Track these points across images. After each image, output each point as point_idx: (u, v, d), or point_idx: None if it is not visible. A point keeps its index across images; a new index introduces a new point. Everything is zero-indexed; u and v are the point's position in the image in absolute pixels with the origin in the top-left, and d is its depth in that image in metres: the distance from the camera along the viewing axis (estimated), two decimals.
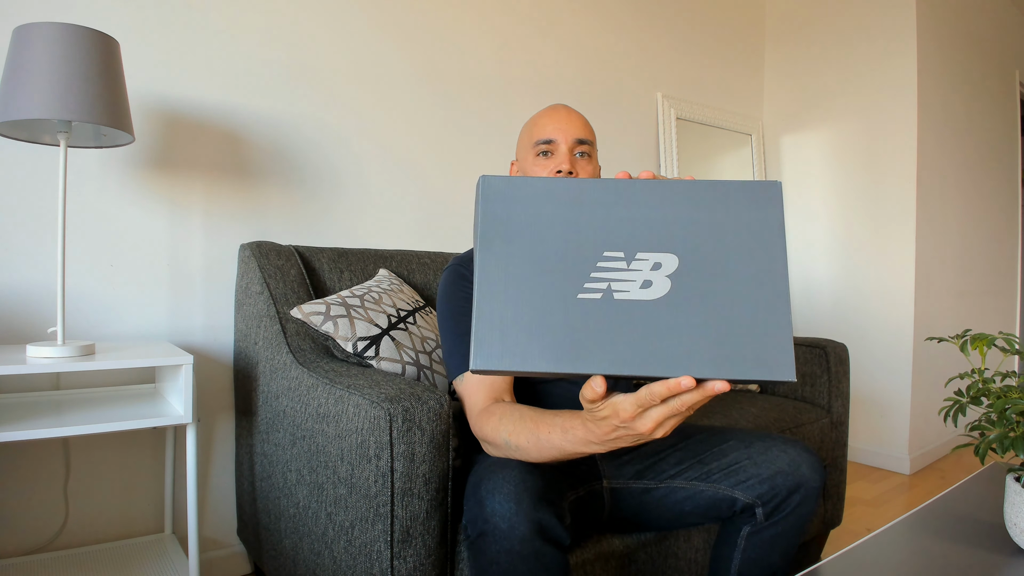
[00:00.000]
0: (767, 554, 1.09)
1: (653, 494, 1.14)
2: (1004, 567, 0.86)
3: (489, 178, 0.61)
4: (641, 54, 2.62)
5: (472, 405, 1.02)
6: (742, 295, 0.58)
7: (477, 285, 0.58)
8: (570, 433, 0.84)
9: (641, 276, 0.58)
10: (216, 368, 1.62)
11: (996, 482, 1.20)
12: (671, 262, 0.59)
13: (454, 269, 1.19)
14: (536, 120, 1.20)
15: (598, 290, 0.58)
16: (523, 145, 1.22)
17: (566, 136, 1.16)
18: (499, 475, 0.90)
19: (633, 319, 0.57)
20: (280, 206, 1.73)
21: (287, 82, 1.73)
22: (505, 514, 0.85)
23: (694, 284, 0.58)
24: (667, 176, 1.51)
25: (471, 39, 2.10)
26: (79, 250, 1.46)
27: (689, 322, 0.57)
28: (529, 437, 0.90)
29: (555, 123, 1.17)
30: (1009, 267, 3.56)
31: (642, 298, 0.58)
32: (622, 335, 0.57)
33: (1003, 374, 0.91)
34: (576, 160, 1.17)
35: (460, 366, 1.08)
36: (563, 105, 1.22)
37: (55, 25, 1.14)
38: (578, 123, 1.18)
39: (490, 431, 0.96)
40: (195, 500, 1.27)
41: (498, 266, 0.59)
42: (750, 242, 0.59)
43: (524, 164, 1.21)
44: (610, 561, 1.12)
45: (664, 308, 0.58)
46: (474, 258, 0.73)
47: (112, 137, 1.34)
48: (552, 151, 1.16)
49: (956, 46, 2.94)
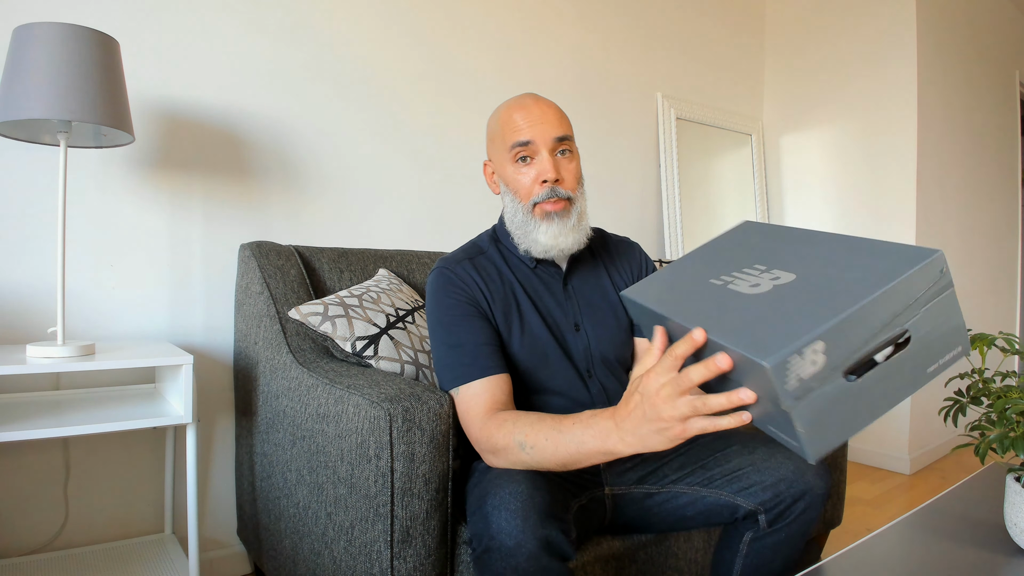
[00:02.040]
0: (769, 560, 1.08)
1: (655, 499, 1.13)
2: (1004, 567, 0.86)
3: (750, 223, 0.89)
4: (641, 54, 2.62)
5: (474, 415, 0.99)
6: (806, 306, 0.63)
7: (688, 253, 0.88)
8: (596, 420, 0.83)
9: (758, 280, 0.73)
10: (216, 368, 1.62)
11: (996, 482, 1.19)
12: (787, 277, 0.70)
13: (441, 273, 1.11)
14: (508, 118, 1.09)
15: (724, 281, 0.76)
16: (497, 147, 1.12)
17: (544, 136, 1.07)
18: (505, 490, 0.88)
19: (724, 301, 0.72)
20: (280, 206, 1.73)
21: (287, 82, 1.73)
22: (511, 531, 0.83)
23: (788, 293, 0.67)
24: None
25: (472, 39, 2.10)
26: (79, 250, 1.46)
27: (750, 310, 0.67)
28: (549, 434, 0.88)
29: (529, 122, 1.07)
30: (1009, 267, 3.56)
31: (744, 292, 0.71)
32: (707, 306, 0.73)
33: (1003, 374, 0.91)
34: (559, 161, 1.09)
35: (455, 378, 1.03)
36: (532, 96, 1.11)
37: (55, 25, 1.14)
38: (554, 118, 1.08)
39: (501, 436, 0.93)
40: (195, 500, 1.27)
41: (695, 253, 0.87)
42: (857, 278, 0.63)
43: (501, 170, 1.12)
44: (609, 562, 1.12)
45: (748, 300, 0.70)
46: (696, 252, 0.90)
47: (112, 137, 1.34)
48: (531, 155, 1.08)
49: (956, 46, 2.94)
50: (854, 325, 0.59)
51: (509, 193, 1.12)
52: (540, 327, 1.11)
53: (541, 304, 1.14)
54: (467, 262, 1.13)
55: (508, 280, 1.13)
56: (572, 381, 1.13)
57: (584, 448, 0.85)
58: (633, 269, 1.25)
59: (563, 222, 1.08)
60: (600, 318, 1.17)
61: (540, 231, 1.09)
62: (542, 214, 1.08)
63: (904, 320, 0.61)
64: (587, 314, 1.17)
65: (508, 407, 1.01)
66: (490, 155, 1.16)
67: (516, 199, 1.10)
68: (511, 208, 1.12)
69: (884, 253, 0.65)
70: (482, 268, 1.13)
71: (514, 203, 1.11)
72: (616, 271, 1.24)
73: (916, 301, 0.61)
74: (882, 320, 0.60)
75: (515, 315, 1.11)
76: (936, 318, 0.63)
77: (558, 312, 1.14)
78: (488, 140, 1.16)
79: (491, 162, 1.16)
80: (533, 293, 1.14)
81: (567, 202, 1.09)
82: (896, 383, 0.63)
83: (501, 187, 1.15)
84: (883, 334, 0.61)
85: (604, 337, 1.16)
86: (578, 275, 1.19)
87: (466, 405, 1.01)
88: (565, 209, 1.09)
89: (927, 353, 0.64)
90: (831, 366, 0.60)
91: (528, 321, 1.11)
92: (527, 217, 1.10)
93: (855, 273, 0.64)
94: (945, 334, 0.64)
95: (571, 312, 1.15)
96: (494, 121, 1.14)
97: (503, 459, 0.94)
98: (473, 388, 1.01)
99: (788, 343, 0.59)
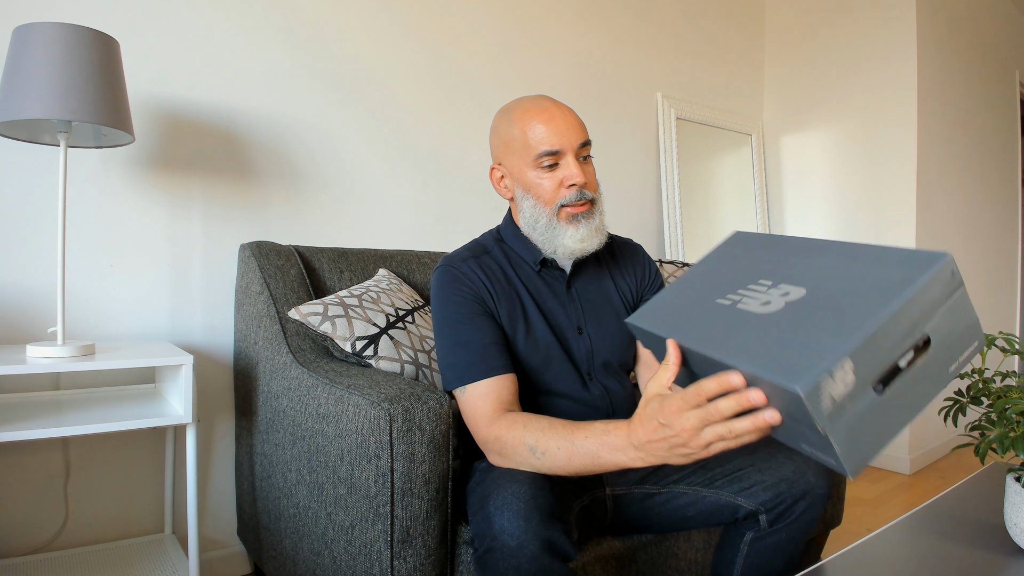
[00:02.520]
0: (770, 560, 1.08)
1: (655, 499, 1.13)
2: (1004, 567, 0.86)
3: (741, 233, 0.88)
4: (641, 54, 2.62)
5: (481, 415, 0.99)
6: (826, 324, 0.62)
7: (686, 273, 0.86)
8: (610, 436, 0.84)
9: (768, 298, 0.71)
10: (216, 368, 1.62)
11: (996, 482, 1.19)
12: (798, 292, 0.69)
13: (447, 270, 1.10)
14: (531, 126, 1.07)
15: (732, 300, 0.74)
16: (514, 151, 1.09)
17: (571, 144, 1.06)
18: (508, 490, 0.88)
19: (737, 323, 0.70)
20: (280, 206, 1.73)
21: (287, 82, 1.73)
22: (514, 532, 0.83)
23: (802, 310, 0.66)
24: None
25: (472, 39, 2.10)
26: (79, 250, 1.46)
27: (767, 331, 0.66)
28: (561, 443, 0.88)
29: (556, 131, 1.06)
30: (1009, 267, 3.56)
31: (755, 311, 0.70)
32: (719, 329, 0.71)
33: (1003, 374, 0.91)
34: (583, 165, 1.09)
35: (461, 377, 1.02)
36: (551, 101, 1.10)
37: (55, 25, 1.14)
38: (577, 124, 1.08)
39: (511, 438, 0.93)
40: (195, 500, 1.27)
41: (694, 272, 0.86)
42: (871, 290, 0.63)
43: (520, 175, 1.10)
44: (610, 563, 1.12)
45: (761, 319, 0.68)
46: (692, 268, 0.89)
47: (112, 137, 1.34)
48: (557, 161, 1.07)
49: (956, 46, 2.94)
50: (879, 339, 0.59)
51: (529, 198, 1.10)
52: (544, 329, 1.11)
53: (545, 306, 1.13)
54: (472, 261, 1.12)
55: (513, 281, 1.13)
56: (574, 383, 1.13)
57: (599, 461, 0.86)
58: (637, 272, 1.25)
59: (589, 224, 1.08)
60: (603, 321, 1.17)
61: (568, 235, 1.08)
62: (568, 217, 1.08)
63: (923, 325, 0.61)
64: (590, 317, 1.17)
65: (515, 407, 1.01)
66: (502, 160, 1.12)
67: (538, 204, 1.09)
68: (531, 213, 1.10)
69: (891, 260, 0.64)
70: (487, 268, 1.12)
71: (535, 208, 1.09)
72: (620, 274, 1.23)
73: (932, 305, 0.61)
74: (904, 329, 0.60)
75: (520, 316, 1.10)
76: (952, 318, 0.63)
77: (561, 315, 1.14)
78: (501, 145, 1.12)
79: (502, 166, 1.13)
80: (537, 295, 1.14)
81: (591, 204, 1.09)
82: (922, 387, 0.63)
83: (517, 192, 1.12)
84: (906, 342, 0.61)
85: (607, 340, 1.16)
86: (582, 278, 1.19)
87: (473, 405, 1.00)
88: (589, 211, 1.09)
89: (947, 353, 0.64)
90: (861, 382, 0.59)
91: (532, 323, 1.11)
92: (552, 221, 1.08)
93: (868, 284, 0.63)
94: (962, 332, 0.64)
95: (574, 315, 1.15)
96: (510, 127, 1.10)
97: (510, 461, 0.94)
98: (480, 387, 1.00)
99: (817, 366, 0.57)
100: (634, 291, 1.24)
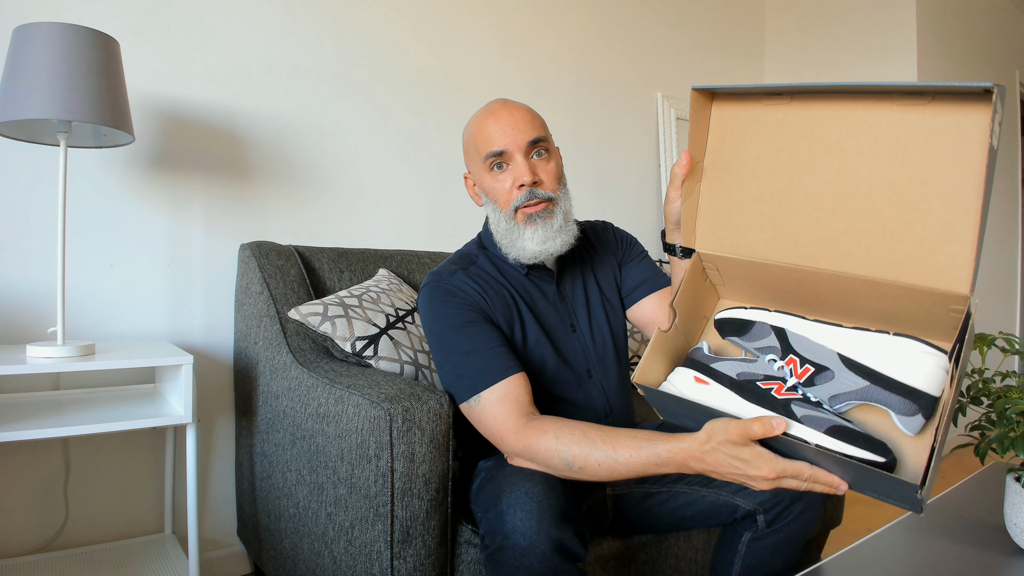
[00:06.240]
0: (768, 560, 1.09)
1: (655, 498, 1.14)
2: (1004, 567, 0.86)
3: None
4: (641, 54, 2.62)
5: (503, 423, 0.95)
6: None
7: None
8: (670, 462, 0.83)
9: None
10: (216, 368, 1.62)
11: (996, 482, 1.20)
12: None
13: (435, 287, 1.07)
14: (480, 129, 1.07)
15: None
16: (472, 158, 1.10)
17: (516, 143, 1.04)
18: (520, 489, 0.87)
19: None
20: (280, 206, 1.73)
21: (287, 82, 1.73)
22: (526, 531, 0.83)
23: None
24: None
25: (471, 39, 2.10)
26: (79, 250, 1.46)
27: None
28: (602, 459, 0.87)
29: (501, 131, 1.04)
30: (1009, 267, 3.56)
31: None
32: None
33: (1003, 374, 0.91)
34: (535, 163, 1.06)
35: (474, 386, 0.97)
36: (501, 102, 1.09)
37: (55, 25, 1.14)
38: (524, 123, 1.05)
39: (542, 449, 0.90)
40: (195, 500, 1.27)
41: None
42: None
43: (480, 180, 1.10)
44: (609, 563, 1.12)
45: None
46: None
47: (112, 137, 1.34)
48: (506, 162, 1.06)
49: (956, 46, 2.94)
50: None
51: (491, 203, 1.10)
52: (539, 333, 1.10)
53: (537, 310, 1.12)
54: (461, 273, 1.09)
55: (504, 287, 1.11)
56: (571, 384, 1.12)
57: (638, 472, 0.86)
58: (614, 253, 1.23)
59: (547, 224, 1.05)
60: (593, 315, 1.17)
61: (526, 237, 1.06)
62: (524, 218, 1.05)
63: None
64: (581, 314, 1.16)
65: (532, 409, 0.98)
66: (468, 167, 1.14)
67: (497, 208, 1.08)
68: (494, 218, 1.10)
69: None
70: (477, 277, 1.09)
71: (496, 212, 1.09)
72: (601, 263, 1.22)
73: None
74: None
75: (517, 322, 1.09)
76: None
77: (554, 316, 1.14)
78: (464, 153, 1.14)
79: (471, 174, 1.14)
80: (529, 299, 1.12)
81: (549, 202, 1.06)
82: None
83: (483, 198, 1.12)
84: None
85: (599, 334, 1.16)
86: (568, 275, 1.18)
87: (491, 413, 0.96)
88: (547, 210, 1.06)
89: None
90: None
91: (528, 328, 1.10)
92: (511, 224, 1.06)
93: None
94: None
95: (566, 314, 1.15)
96: (467, 133, 1.11)
97: (540, 468, 0.92)
98: (496, 392, 0.96)
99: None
100: (616, 274, 1.22)
